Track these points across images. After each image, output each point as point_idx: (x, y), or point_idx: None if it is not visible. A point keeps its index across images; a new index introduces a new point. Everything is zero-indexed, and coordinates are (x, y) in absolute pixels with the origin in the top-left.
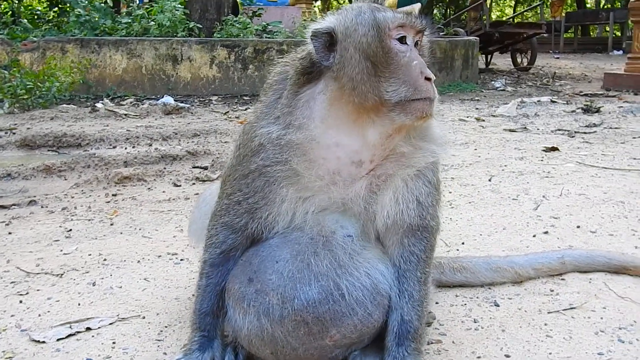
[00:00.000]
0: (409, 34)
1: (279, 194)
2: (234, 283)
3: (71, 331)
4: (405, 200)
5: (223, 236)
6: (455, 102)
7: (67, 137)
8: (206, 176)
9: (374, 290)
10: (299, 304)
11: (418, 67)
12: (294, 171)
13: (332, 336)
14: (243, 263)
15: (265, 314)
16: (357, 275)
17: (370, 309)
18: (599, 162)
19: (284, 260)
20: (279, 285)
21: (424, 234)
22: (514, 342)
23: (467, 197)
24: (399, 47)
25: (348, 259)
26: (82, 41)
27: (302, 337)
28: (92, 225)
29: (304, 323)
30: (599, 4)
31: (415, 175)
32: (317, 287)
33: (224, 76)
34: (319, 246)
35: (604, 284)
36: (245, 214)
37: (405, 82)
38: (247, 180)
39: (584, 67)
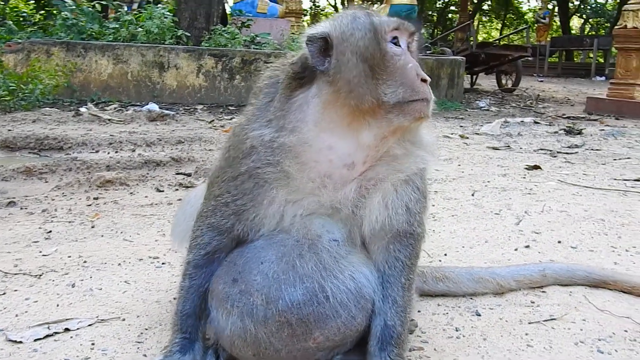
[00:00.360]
0: (402, 37)
1: (267, 196)
2: (217, 284)
3: (49, 332)
4: (394, 206)
5: (208, 237)
6: (440, 120)
7: (49, 139)
8: (190, 182)
9: (358, 293)
10: (283, 305)
11: (414, 69)
12: (285, 173)
13: (315, 338)
14: (227, 264)
15: (249, 314)
16: (342, 278)
17: (354, 312)
18: (580, 181)
19: (269, 262)
20: (263, 286)
21: (410, 240)
22: (495, 351)
23: (450, 211)
24: (395, 50)
25: (333, 262)
26: (68, 44)
27: (285, 339)
28: (73, 228)
29: (287, 324)
30: (583, 30)
31: (405, 181)
32: (302, 289)
33: (210, 85)
34: (305, 249)
35: (584, 297)
36: (232, 216)
37: (403, 84)
38: (236, 182)
39: (567, 91)
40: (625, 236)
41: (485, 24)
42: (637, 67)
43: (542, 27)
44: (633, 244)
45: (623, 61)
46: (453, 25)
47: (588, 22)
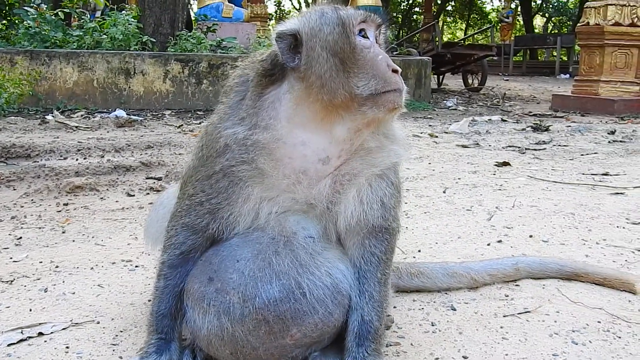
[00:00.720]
0: (370, 29)
1: (242, 194)
2: (193, 283)
3: (22, 336)
4: (369, 201)
5: (183, 237)
6: (408, 120)
7: (15, 147)
8: (160, 186)
9: (335, 289)
10: (260, 302)
11: (384, 61)
12: (259, 171)
13: (292, 335)
14: (203, 263)
15: (226, 313)
16: (319, 275)
17: (331, 308)
18: (549, 176)
19: (244, 259)
20: (239, 284)
21: (385, 235)
22: (471, 344)
23: (422, 208)
24: (363, 43)
25: (309, 258)
26: (32, 53)
27: (262, 336)
28: (43, 234)
29: (264, 322)
30: (546, 29)
31: (379, 176)
32: (279, 286)
33: (177, 90)
34: (280, 246)
35: (557, 290)
36: (207, 215)
37: (375, 75)
38: (210, 181)
39: (533, 89)
40: (595, 229)
41: (450, 25)
42: (601, 63)
43: (505, 26)
44: (603, 237)
45: (586, 58)
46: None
47: (551, 20)
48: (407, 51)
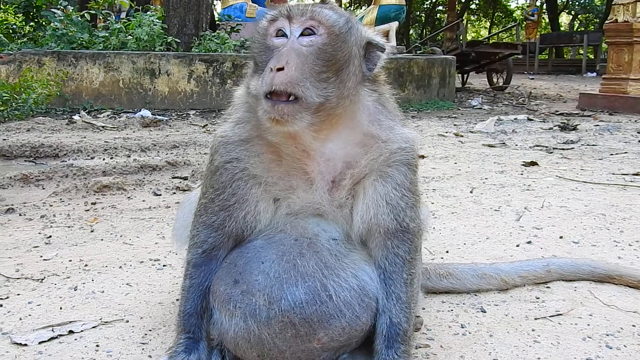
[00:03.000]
0: (284, 25)
1: (250, 193)
2: (219, 285)
3: (53, 334)
4: (375, 205)
5: (204, 235)
6: (433, 119)
7: (44, 147)
8: (186, 186)
9: (362, 292)
10: (286, 304)
11: (277, 57)
12: (251, 170)
13: (319, 339)
14: (228, 265)
15: (252, 315)
16: (344, 277)
17: (358, 311)
18: (579, 176)
19: (269, 261)
20: (265, 286)
21: (407, 235)
22: (502, 347)
23: (449, 208)
24: (275, 42)
25: (334, 260)
26: (59, 54)
27: (289, 340)
28: (72, 232)
29: (291, 325)
30: (572, 26)
31: (383, 179)
32: (304, 288)
33: (202, 90)
34: (304, 247)
35: (589, 292)
36: (221, 212)
37: (263, 75)
38: (215, 176)
39: (559, 88)
40: (628, 230)
41: (474, 23)
42: (629, 61)
43: (531, 24)
44: (636, 238)
45: (615, 56)
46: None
47: (577, 18)
48: (431, 50)
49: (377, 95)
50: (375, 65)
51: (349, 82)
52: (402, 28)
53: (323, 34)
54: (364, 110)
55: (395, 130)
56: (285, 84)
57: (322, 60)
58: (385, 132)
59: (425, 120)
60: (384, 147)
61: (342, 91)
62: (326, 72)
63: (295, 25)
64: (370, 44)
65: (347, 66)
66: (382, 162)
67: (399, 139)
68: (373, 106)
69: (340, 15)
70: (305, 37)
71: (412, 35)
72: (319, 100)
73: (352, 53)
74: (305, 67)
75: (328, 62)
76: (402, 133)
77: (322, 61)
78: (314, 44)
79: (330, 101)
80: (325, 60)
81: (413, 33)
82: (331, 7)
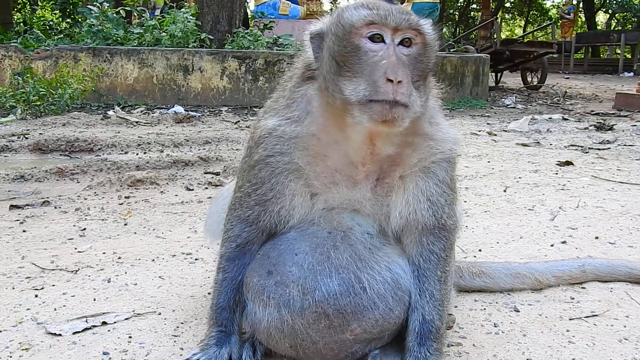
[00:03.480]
0: (384, 32)
1: (288, 187)
2: (252, 277)
3: (87, 325)
4: (416, 201)
5: (238, 229)
6: (466, 118)
7: (79, 142)
8: (219, 181)
9: (395, 285)
10: (320, 295)
11: (384, 67)
12: (296, 164)
13: (353, 330)
14: (261, 257)
15: (286, 305)
16: (378, 269)
17: (392, 304)
18: (615, 176)
19: (303, 253)
20: (299, 277)
21: (443, 232)
22: (536, 347)
23: (482, 207)
24: (370, 46)
25: (368, 253)
26: (95, 50)
27: (322, 330)
28: (106, 225)
29: (324, 315)
30: (609, 25)
31: (425, 174)
32: (338, 280)
33: (234, 87)
34: (338, 240)
35: (626, 293)
36: (256, 206)
37: (367, 81)
38: (253, 171)
39: (595, 88)
40: None
41: (508, 22)
42: None
43: (566, 23)
44: None
45: None
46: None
47: (614, 17)
48: (465, 48)
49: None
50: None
51: (430, 87)
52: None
53: (419, 43)
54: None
55: (446, 129)
56: (405, 96)
57: (418, 70)
58: (439, 131)
59: (458, 119)
60: (434, 147)
61: (428, 97)
62: (419, 81)
63: (397, 34)
64: None
65: (429, 74)
66: (428, 159)
67: (450, 139)
68: (432, 106)
69: (429, 24)
70: (405, 47)
71: (445, 34)
72: (420, 110)
73: (434, 59)
74: (409, 77)
75: (422, 72)
76: (451, 132)
77: (418, 71)
78: (412, 54)
79: (425, 108)
80: (421, 70)
81: (446, 31)
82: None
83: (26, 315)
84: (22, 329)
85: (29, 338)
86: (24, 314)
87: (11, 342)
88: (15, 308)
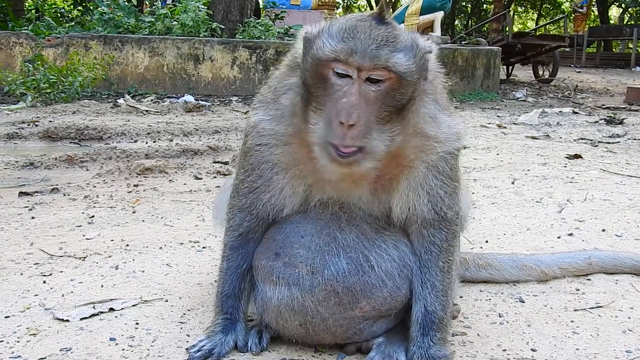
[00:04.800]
0: (350, 69)
1: (275, 179)
2: (260, 260)
3: (94, 311)
4: (415, 196)
5: (239, 219)
6: (476, 110)
7: (88, 130)
8: (227, 170)
9: (402, 263)
10: (329, 274)
11: (341, 107)
12: (279, 159)
13: (362, 307)
14: (266, 240)
15: (296, 284)
16: (385, 247)
17: (399, 282)
18: (624, 170)
19: (309, 235)
20: (307, 258)
21: (443, 223)
22: (540, 337)
23: (490, 198)
24: (335, 80)
25: (374, 233)
26: (106, 38)
27: (332, 307)
28: (114, 213)
29: (334, 293)
30: (622, 19)
31: (425, 168)
32: (346, 258)
33: (244, 77)
34: (343, 222)
35: (631, 285)
36: (250, 194)
37: (326, 120)
38: (246, 157)
39: (606, 82)
40: None
41: (521, 15)
42: None
43: (579, 16)
44: None
45: None
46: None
47: (627, 11)
48: (476, 41)
49: (432, 89)
50: (429, 70)
51: (414, 115)
52: (447, 18)
53: (393, 78)
54: (424, 114)
55: (442, 122)
56: (356, 140)
57: (388, 106)
58: (435, 128)
59: (468, 111)
60: (438, 147)
61: (407, 128)
62: (391, 115)
63: (363, 72)
64: None
65: (413, 99)
66: (426, 155)
67: (443, 132)
68: (431, 106)
69: (412, 56)
70: (373, 84)
71: (457, 26)
72: (386, 149)
73: (415, 85)
74: (372, 116)
75: (394, 107)
76: (454, 129)
77: (388, 107)
78: (382, 89)
79: (395, 143)
80: (391, 105)
81: (458, 23)
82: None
83: (34, 300)
84: (30, 315)
85: (37, 323)
86: (32, 300)
87: (19, 327)
88: (23, 294)
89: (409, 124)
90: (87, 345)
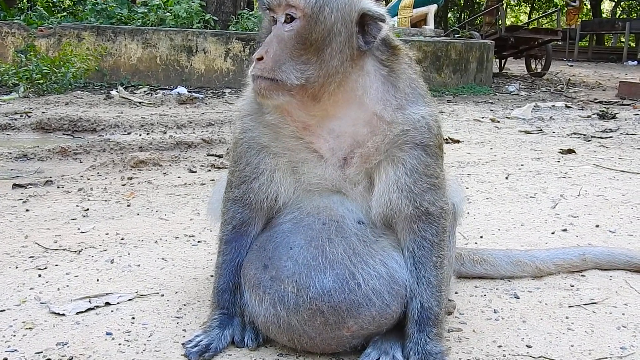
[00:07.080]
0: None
1: (261, 163)
2: (249, 269)
3: (90, 305)
4: (388, 191)
5: (232, 211)
6: (469, 104)
7: (82, 121)
8: (221, 163)
9: (391, 279)
10: (314, 292)
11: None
12: (262, 141)
13: (349, 327)
14: (257, 249)
15: (281, 302)
16: (373, 264)
17: (388, 299)
18: (617, 165)
19: (298, 247)
20: (294, 273)
21: (430, 218)
22: (535, 334)
23: (484, 194)
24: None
25: (362, 246)
26: (98, 29)
27: (318, 327)
28: (109, 206)
29: (319, 312)
30: (615, 13)
31: (394, 163)
32: (332, 276)
33: (238, 69)
34: (332, 232)
35: (625, 282)
36: (242, 185)
37: None
38: (236, 147)
39: (599, 76)
40: None
41: (514, 8)
42: None
43: (572, 10)
44: None
45: None
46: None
47: (619, 5)
48: (469, 34)
49: (387, 71)
50: (374, 37)
51: (333, 60)
52: (440, 11)
53: (300, 17)
54: (370, 88)
55: (404, 110)
56: (262, 71)
57: (300, 44)
58: (390, 113)
59: (462, 105)
60: (387, 130)
61: (327, 70)
62: (305, 54)
63: (279, 13)
64: (366, 16)
65: (329, 44)
66: (390, 145)
67: (405, 121)
68: (382, 84)
69: None
70: (287, 23)
71: (450, 19)
72: (299, 82)
73: (333, 30)
74: (285, 52)
75: (305, 45)
76: (410, 114)
77: (300, 44)
78: (294, 29)
79: (312, 80)
80: (302, 43)
81: (451, 16)
82: None
83: (30, 294)
84: (25, 308)
85: (33, 317)
86: (28, 294)
87: (15, 321)
88: (18, 287)
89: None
90: (84, 339)
